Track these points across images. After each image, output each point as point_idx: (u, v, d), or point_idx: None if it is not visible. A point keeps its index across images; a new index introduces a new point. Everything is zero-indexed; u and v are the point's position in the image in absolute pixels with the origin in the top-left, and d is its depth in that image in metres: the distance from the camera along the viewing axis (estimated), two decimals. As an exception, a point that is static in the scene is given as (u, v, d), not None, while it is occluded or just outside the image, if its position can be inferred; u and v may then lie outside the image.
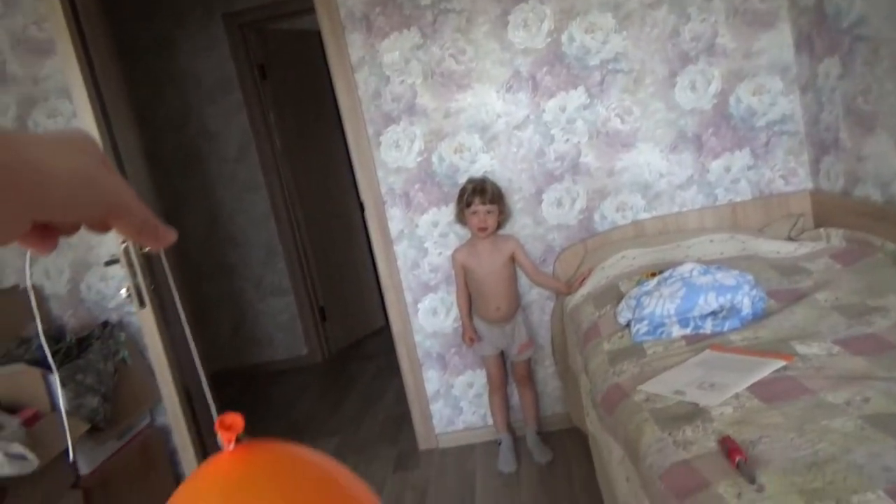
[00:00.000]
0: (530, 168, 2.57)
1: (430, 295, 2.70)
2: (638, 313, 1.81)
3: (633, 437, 1.33)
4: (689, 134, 2.50)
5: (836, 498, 0.93)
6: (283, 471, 0.48)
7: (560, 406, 2.73)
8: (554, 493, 2.30)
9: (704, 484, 1.06)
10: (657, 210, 2.56)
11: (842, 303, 1.67)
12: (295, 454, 0.50)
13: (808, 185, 2.49)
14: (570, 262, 2.56)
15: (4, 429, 2.06)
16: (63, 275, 2.85)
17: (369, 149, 2.60)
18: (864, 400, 1.16)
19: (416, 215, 2.64)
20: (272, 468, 0.47)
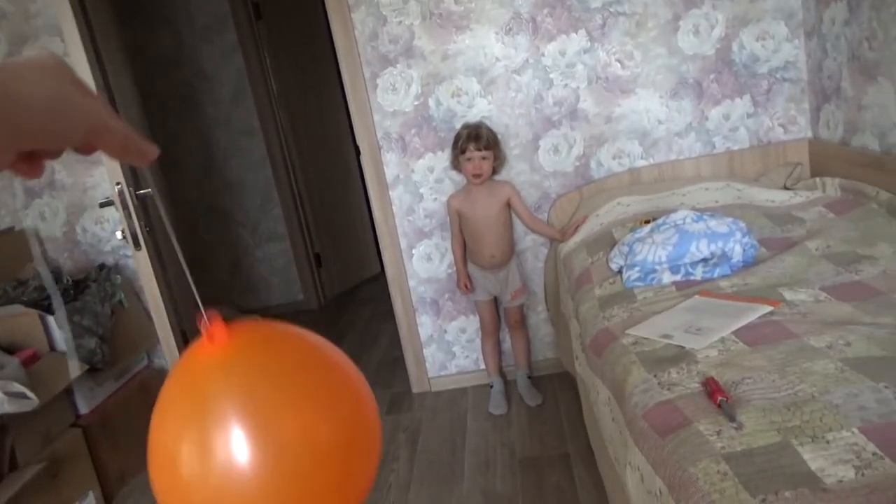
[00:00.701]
0: (528, 113, 2.54)
1: (425, 241, 2.70)
2: (630, 260, 1.82)
3: (620, 378, 1.36)
4: (689, 80, 2.46)
5: (812, 435, 0.96)
6: (269, 345, 0.47)
7: (551, 351, 2.78)
8: (542, 433, 2.36)
9: (686, 422, 1.09)
10: (654, 158, 2.54)
11: (832, 251, 1.67)
12: (279, 330, 0.49)
13: (807, 133, 2.47)
14: (566, 209, 2.56)
15: (4, 368, 2.09)
16: (58, 217, 2.85)
17: (365, 92, 2.56)
18: (846, 344, 1.18)
19: (412, 160, 2.62)
20: (258, 344, 0.47)
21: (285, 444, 0.43)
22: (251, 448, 0.42)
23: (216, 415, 0.43)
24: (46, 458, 2.15)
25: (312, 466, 0.44)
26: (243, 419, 0.42)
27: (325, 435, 0.45)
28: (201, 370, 0.46)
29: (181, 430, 0.44)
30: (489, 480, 2.16)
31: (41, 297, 2.45)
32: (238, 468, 0.42)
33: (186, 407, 0.45)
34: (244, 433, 0.42)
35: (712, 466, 0.97)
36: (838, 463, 0.89)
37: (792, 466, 0.91)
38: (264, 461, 0.42)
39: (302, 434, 0.43)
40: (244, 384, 0.44)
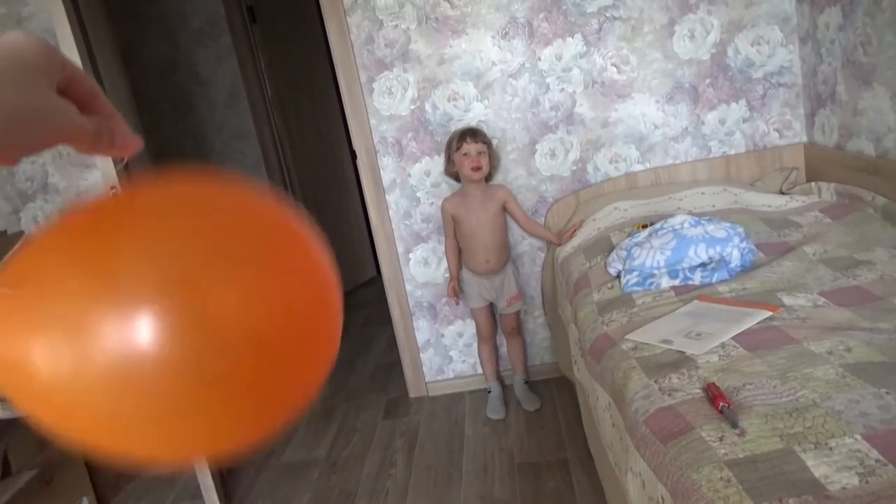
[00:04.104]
0: (524, 118, 2.54)
1: (422, 245, 2.70)
2: (628, 264, 1.82)
3: (620, 383, 1.35)
4: (685, 85, 2.47)
5: (815, 442, 0.96)
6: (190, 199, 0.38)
7: (548, 355, 2.77)
8: (540, 438, 2.36)
9: (688, 427, 1.09)
10: (650, 162, 2.54)
11: (830, 256, 1.68)
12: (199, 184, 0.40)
13: (802, 138, 2.48)
14: (562, 213, 2.56)
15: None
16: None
17: (362, 96, 2.55)
18: (847, 349, 1.18)
19: (409, 164, 2.61)
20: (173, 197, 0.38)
21: (216, 325, 0.33)
22: (167, 330, 0.32)
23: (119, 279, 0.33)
24: (40, 465, 2.12)
25: (248, 354, 0.34)
26: (158, 288, 0.33)
27: (265, 312, 0.35)
28: (102, 220, 0.37)
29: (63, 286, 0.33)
30: (487, 486, 2.15)
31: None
32: (144, 358, 0.32)
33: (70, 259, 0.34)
34: (158, 309, 0.32)
35: (715, 473, 0.96)
36: (842, 470, 0.89)
37: (795, 473, 0.91)
38: (185, 348, 0.32)
39: (237, 312, 0.34)
40: (160, 243, 0.35)
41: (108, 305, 0.32)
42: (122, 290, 0.33)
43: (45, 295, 0.33)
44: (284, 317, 0.36)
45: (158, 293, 0.33)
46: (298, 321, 0.37)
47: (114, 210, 0.38)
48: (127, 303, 0.32)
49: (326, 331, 0.40)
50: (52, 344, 0.32)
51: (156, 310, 0.32)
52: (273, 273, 0.37)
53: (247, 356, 0.34)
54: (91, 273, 0.33)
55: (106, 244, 0.34)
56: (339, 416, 2.80)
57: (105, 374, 0.32)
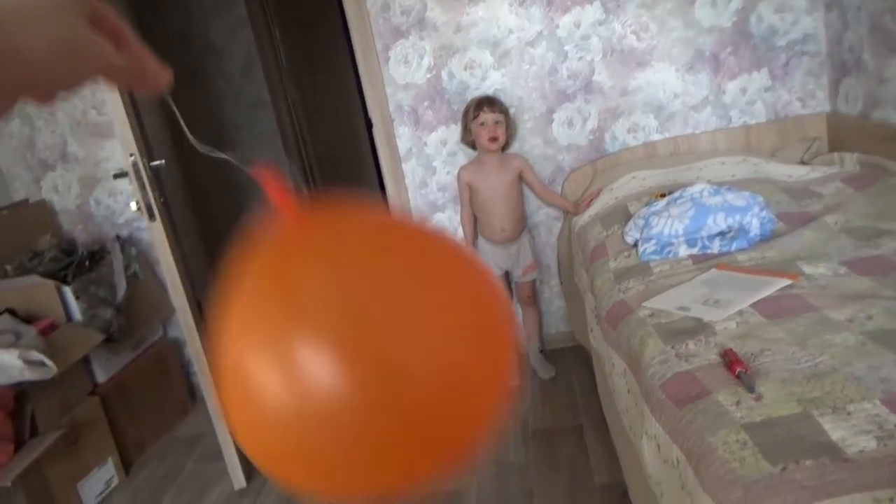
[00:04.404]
0: (542, 86, 2.51)
1: (438, 214, 2.70)
2: (646, 233, 1.82)
3: (637, 350, 1.36)
4: (706, 53, 2.43)
5: (833, 406, 0.96)
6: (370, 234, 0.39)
7: (564, 325, 2.78)
8: (555, 405, 2.38)
9: (704, 392, 1.09)
10: (670, 131, 2.52)
11: (851, 226, 1.66)
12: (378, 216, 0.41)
13: (825, 107, 2.44)
14: (580, 183, 2.54)
15: (22, 337, 2.12)
16: (72, 189, 2.85)
17: (377, 64, 2.54)
18: (868, 317, 1.18)
19: (425, 133, 2.60)
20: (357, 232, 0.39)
21: (403, 369, 0.34)
22: (354, 372, 0.34)
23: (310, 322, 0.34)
24: (66, 426, 2.18)
25: (439, 391, 0.35)
26: (346, 331, 0.34)
27: (453, 361, 0.36)
28: (284, 260, 0.37)
29: (263, 343, 0.35)
30: (502, 451, 2.18)
31: (57, 268, 2.47)
32: (339, 397, 0.33)
33: (270, 311, 0.36)
34: (347, 351, 0.34)
35: (731, 436, 0.97)
36: (860, 433, 0.90)
37: (812, 436, 0.92)
38: (372, 391, 0.34)
39: (423, 357, 0.35)
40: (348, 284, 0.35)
41: (304, 332, 0.34)
42: (311, 319, 0.35)
43: (260, 324, 0.36)
44: (469, 353, 0.37)
45: (347, 341, 0.34)
46: (481, 355, 0.38)
47: (296, 244, 0.39)
48: (316, 332, 0.34)
49: (505, 359, 0.40)
50: (268, 366, 0.35)
51: (352, 356, 0.34)
52: (455, 307, 0.37)
53: (437, 393, 0.35)
54: (287, 304, 0.36)
55: (295, 279, 0.37)
56: (355, 384, 2.84)
57: (299, 404, 0.34)
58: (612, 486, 1.89)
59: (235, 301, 0.38)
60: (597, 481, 1.93)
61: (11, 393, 2.05)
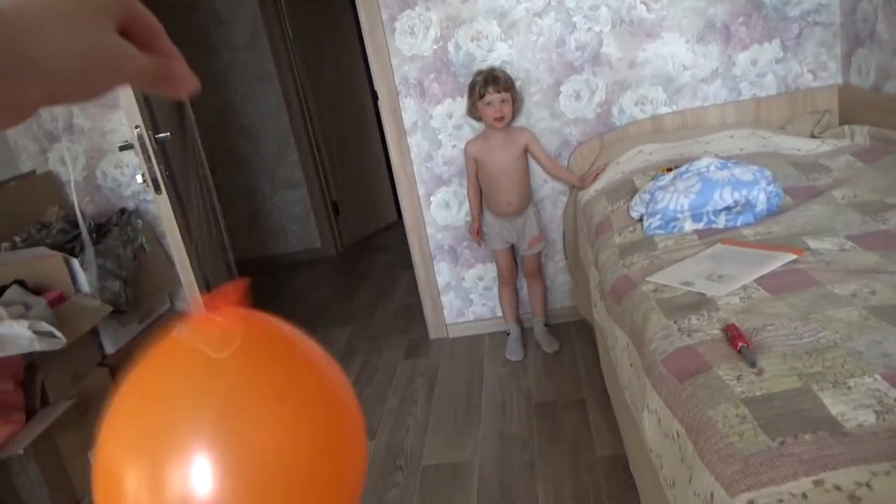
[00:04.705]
0: (549, 58, 2.48)
1: (443, 188, 2.69)
2: (651, 207, 1.81)
3: (639, 324, 1.36)
4: (717, 24, 2.39)
5: (833, 381, 0.96)
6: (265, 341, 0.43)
7: (568, 299, 2.79)
8: (558, 379, 2.39)
9: (705, 367, 1.10)
10: (678, 104, 2.49)
11: (859, 200, 1.65)
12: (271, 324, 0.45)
13: (837, 80, 2.40)
14: (586, 156, 2.52)
15: (31, 308, 2.14)
16: (78, 161, 2.86)
17: (383, 36, 2.51)
18: (871, 292, 1.17)
19: (431, 106, 2.58)
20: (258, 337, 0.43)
21: (264, 459, 0.39)
22: (223, 467, 0.38)
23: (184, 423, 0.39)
24: (76, 396, 2.21)
25: (291, 483, 0.40)
26: (218, 431, 0.39)
27: (307, 445, 0.41)
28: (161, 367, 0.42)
29: (131, 446, 0.40)
30: (505, 424, 2.20)
31: (65, 240, 2.49)
32: (204, 491, 0.38)
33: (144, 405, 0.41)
34: (216, 449, 0.38)
35: (731, 410, 0.98)
36: (859, 408, 0.90)
37: (812, 411, 0.92)
38: (239, 482, 0.38)
39: (282, 445, 0.40)
40: (230, 386, 0.40)
41: (174, 459, 0.38)
42: (179, 447, 0.38)
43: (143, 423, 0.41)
44: (321, 455, 0.42)
45: (209, 445, 0.38)
46: (332, 455, 0.42)
47: (166, 359, 0.43)
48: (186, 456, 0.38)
49: (356, 460, 0.45)
50: (139, 470, 0.39)
51: (210, 458, 0.38)
52: (308, 413, 0.42)
53: (294, 487, 0.40)
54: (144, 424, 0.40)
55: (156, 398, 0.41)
56: (361, 356, 2.87)
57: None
58: (613, 458, 1.91)
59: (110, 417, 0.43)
60: (598, 454, 1.95)
61: (22, 363, 2.08)
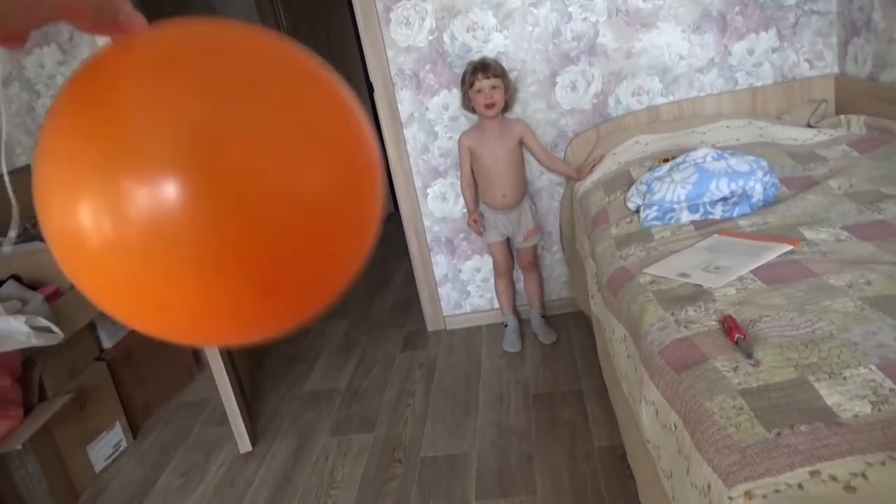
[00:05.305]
0: (545, 49, 2.47)
1: (440, 180, 2.69)
2: (648, 199, 1.81)
3: (636, 316, 1.36)
4: (713, 13, 2.38)
5: (829, 372, 0.97)
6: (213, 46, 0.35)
7: (565, 290, 2.79)
8: (556, 370, 2.40)
9: (702, 358, 1.10)
10: (674, 94, 2.48)
11: (855, 190, 1.65)
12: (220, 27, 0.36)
13: (833, 69, 2.40)
14: (583, 147, 2.52)
15: (28, 303, 2.13)
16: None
17: (378, 26, 2.50)
18: (867, 282, 1.18)
19: (427, 97, 2.57)
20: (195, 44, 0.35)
21: (261, 195, 0.31)
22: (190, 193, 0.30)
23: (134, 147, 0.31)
24: (74, 390, 2.22)
25: (287, 226, 0.31)
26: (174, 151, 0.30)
27: (314, 183, 0.32)
28: (113, 74, 0.33)
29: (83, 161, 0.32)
30: (503, 415, 2.21)
31: (60, 236, 2.48)
32: (172, 221, 0.30)
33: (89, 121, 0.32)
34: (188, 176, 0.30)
35: (728, 401, 0.98)
36: (855, 398, 0.90)
37: (808, 402, 0.93)
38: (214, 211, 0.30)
39: (282, 183, 0.31)
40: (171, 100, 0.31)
41: (131, 173, 0.30)
42: (138, 157, 0.31)
43: (76, 168, 0.32)
44: (321, 178, 0.32)
45: (174, 157, 0.30)
46: (336, 183, 0.33)
47: (119, 64, 0.34)
48: (146, 170, 0.30)
49: (368, 197, 0.35)
50: (94, 213, 0.31)
51: (174, 173, 0.30)
52: (307, 126, 0.33)
53: (279, 220, 0.31)
54: (107, 144, 0.31)
55: (117, 108, 0.32)
56: (359, 348, 2.87)
57: (141, 239, 0.31)
58: (610, 449, 1.92)
59: (49, 143, 0.34)
60: (596, 444, 1.96)
61: (19, 359, 2.08)
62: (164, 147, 0.30)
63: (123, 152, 0.31)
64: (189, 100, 0.31)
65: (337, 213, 0.33)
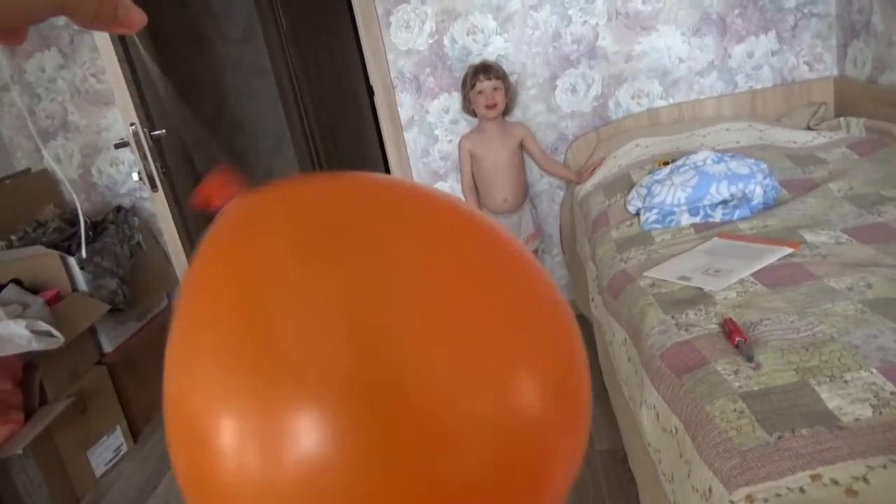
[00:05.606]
0: (545, 52, 2.47)
1: (441, 183, 2.69)
2: (648, 202, 1.81)
3: (637, 319, 1.36)
4: (713, 15, 2.38)
5: (830, 375, 0.97)
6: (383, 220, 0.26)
7: (566, 294, 2.79)
8: (557, 374, 2.39)
9: (703, 362, 1.10)
10: (674, 97, 2.48)
11: (855, 192, 1.65)
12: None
13: (833, 71, 2.40)
14: (583, 150, 2.52)
15: (29, 307, 2.14)
16: (74, 159, 2.85)
17: (378, 30, 2.50)
18: (868, 285, 1.18)
19: (427, 101, 2.58)
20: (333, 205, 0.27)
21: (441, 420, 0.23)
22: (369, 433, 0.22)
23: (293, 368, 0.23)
24: (74, 395, 2.21)
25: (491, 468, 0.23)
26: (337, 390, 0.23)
27: (524, 403, 0.24)
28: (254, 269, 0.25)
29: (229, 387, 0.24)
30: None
31: (61, 239, 2.48)
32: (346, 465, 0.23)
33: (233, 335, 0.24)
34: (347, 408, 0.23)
35: (729, 405, 0.98)
36: (856, 402, 0.90)
37: (809, 405, 0.93)
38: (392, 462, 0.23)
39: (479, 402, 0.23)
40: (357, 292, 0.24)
41: (293, 402, 0.23)
42: (300, 383, 0.23)
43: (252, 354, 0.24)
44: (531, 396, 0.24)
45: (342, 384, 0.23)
46: (551, 400, 0.25)
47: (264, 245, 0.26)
48: (311, 400, 0.23)
49: (578, 391, 0.27)
50: (242, 429, 0.24)
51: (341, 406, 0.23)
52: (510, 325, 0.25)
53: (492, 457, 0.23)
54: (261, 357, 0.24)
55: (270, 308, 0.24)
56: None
57: (296, 485, 0.23)
58: (611, 452, 1.92)
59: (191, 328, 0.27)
60: (597, 448, 1.96)
61: (20, 363, 2.08)
62: (327, 371, 0.23)
63: (282, 372, 0.23)
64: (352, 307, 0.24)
65: (550, 438, 0.25)
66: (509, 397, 0.23)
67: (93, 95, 2.75)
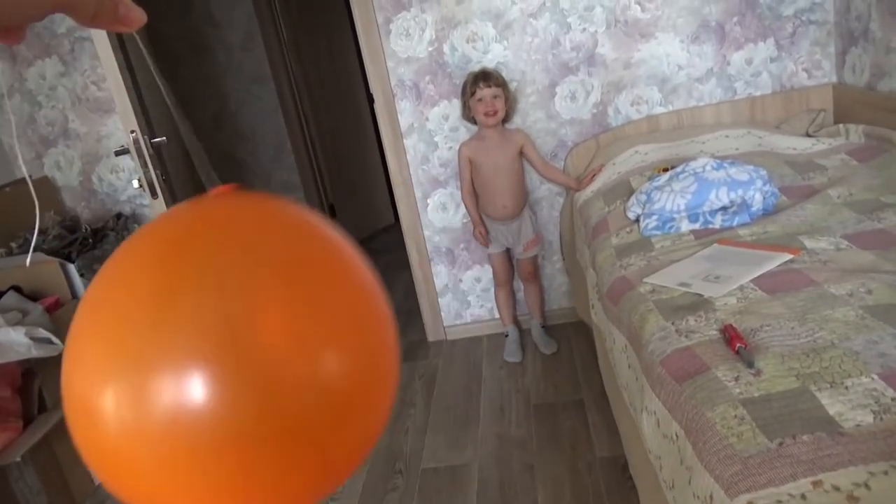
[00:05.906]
0: (544, 59, 2.48)
1: (440, 190, 2.69)
2: (648, 208, 1.81)
3: (637, 326, 1.36)
4: (712, 23, 2.39)
5: (831, 381, 0.97)
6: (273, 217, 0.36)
7: (566, 300, 2.79)
8: (557, 380, 2.39)
9: (703, 368, 1.10)
10: (673, 104, 2.49)
11: (855, 199, 1.65)
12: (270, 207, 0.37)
13: (831, 78, 2.41)
14: (582, 157, 2.53)
15: (29, 315, 2.13)
16: (74, 166, 2.85)
17: (378, 37, 2.51)
18: (868, 291, 1.18)
19: (427, 108, 2.58)
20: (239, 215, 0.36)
21: (276, 379, 0.30)
22: (221, 383, 0.30)
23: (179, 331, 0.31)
24: (73, 402, 2.21)
25: (309, 415, 0.31)
26: (214, 345, 0.30)
27: (336, 370, 0.32)
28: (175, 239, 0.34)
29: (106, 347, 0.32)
30: (504, 425, 2.20)
31: (61, 246, 2.49)
32: (196, 414, 0.30)
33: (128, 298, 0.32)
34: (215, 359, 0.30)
35: (730, 411, 0.98)
36: (857, 408, 0.90)
37: (810, 411, 0.92)
38: (239, 404, 0.30)
39: (303, 366, 0.31)
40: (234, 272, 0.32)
41: (167, 362, 0.30)
42: (180, 345, 0.30)
43: (118, 338, 0.32)
44: (348, 362, 0.33)
45: (213, 351, 0.30)
46: (361, 366, 0.34)
47: (184, 236, 0.35)
48: (183, 359, 0.30)
49: (388, 374, 0.36)
50: (118, 396, 0.31)
51: (209, 368, 0.30)
52: (331, 310, 0.33)
53: (310, 409, 0.31)
54: (154, 321, 0.31)
55: (172, 285, 0.32)
56: (359, 359, 2.86)
57: (164, 431, 0.30)
58: (612, 459, 1.92)
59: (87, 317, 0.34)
60: (598, 455, 1.95)
61: (19, 370, 2.08)
62: (194, 338, 0.30)
63: (159, 343, 0.30)
64: (215, 290, 0.31)
65: (355, 399, 0.33)
66: (323, 364, 0.32)
67: (93, 103, 2.76)
